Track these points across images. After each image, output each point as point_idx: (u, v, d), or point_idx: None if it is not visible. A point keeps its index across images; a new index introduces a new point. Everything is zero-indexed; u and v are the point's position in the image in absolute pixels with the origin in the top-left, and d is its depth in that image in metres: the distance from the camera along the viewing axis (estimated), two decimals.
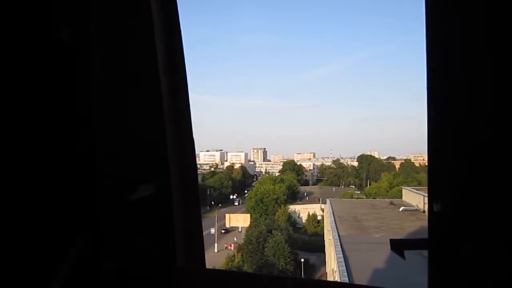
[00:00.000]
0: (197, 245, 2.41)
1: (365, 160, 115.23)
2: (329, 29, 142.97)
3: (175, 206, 2.25)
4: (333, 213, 39.99)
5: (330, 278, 34.56)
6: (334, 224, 34.02)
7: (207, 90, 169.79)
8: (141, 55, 2.18)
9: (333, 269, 29.85)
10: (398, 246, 2.01)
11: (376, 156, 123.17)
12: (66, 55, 2.06)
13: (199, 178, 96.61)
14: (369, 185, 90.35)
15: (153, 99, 2.17)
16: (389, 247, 2.01)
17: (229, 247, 52.19)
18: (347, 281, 21.22)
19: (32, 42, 1.99)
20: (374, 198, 65.54)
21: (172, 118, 2.23)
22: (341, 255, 24.05)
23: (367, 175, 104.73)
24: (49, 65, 2.04)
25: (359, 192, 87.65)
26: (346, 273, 21.69)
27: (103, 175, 2.18)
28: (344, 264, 22.47)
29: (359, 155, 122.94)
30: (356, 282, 21.11)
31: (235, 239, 53.38)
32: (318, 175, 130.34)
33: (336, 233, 30.06)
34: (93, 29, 2.11)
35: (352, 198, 70.39)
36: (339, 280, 22.59)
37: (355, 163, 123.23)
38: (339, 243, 27.09)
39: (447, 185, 1.85)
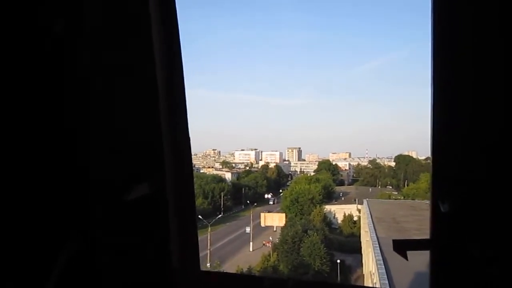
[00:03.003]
0: (192, 246, 2.35)
1: (403, 160, 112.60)
2: (366, 26, 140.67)
3: (170, 206, 2.19)
4: (371, 214, 39.37)
5: (367, 280, 34.01)
6: (372, 226, 33.49)
7: (242, 88, 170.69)
8: (136, 50, 2.11)
9: (370, 271, 29.34)
10: (401, 246, 1.96)
11: (414, 156, 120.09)
12: (58, 49, 2.01)
13: (234, 177, 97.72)
14: (407, 186, 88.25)
15: (149, 96, 2.11)
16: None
17: (267, 244, 52.12)
18: (387, 284, 20.85)
19: (24, 35, 1.95)
20: (412, 199, 64.05)
21: (167, 115, 2.16)
22: (380, 257, 23.61)
23: (405, 176, 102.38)
24: (41, 59, 1.99)
25: (396, 193, 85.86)
26: (385, 276, 21.30)
27: (97, 174, 2.13)
28: (383, 266, 22.03)
29: (396, 155, 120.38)
30: (396, 285, 20.66)
31: (270, 238, 53.33)
32: (354, 175, 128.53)
33: (375, 235, 29.57)
34: (87, 22, 2.04)
35: (389, 199, 68.98)
36: (378, 283, 22.16)
37: (392, 163, 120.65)
38: (377, 245, 26.60)
39: (451, 185, 1.83)
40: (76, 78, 2.04)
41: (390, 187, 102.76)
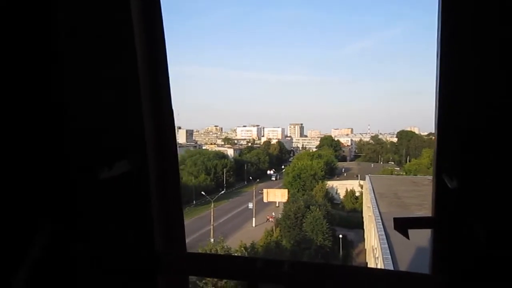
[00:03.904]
0: (177, 228, 2.21)
1: (405, 136, 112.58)
2: (364, 3, 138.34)
3: (153, 185, 2.05)
4: (373, 190, 39.60)
5: (369, 254, 34.42)
6: (374, 201, 33.68)
7: (243, 65, 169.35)
8: (115, 22, 1.96)
9: (373, 246, 29.64)
10: (402, 225, 1.90)
11: (417, 132, 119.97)
12: (32, 20, 1.87)
13: (237, 154, 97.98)
14: (409, 161, 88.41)
15: (129, 70, 1.97)
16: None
17: (270, 219, 52.59)
18: (389, 258, 21.08)
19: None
20: (414, 175, 64.28)
21: (149, 90, 2.03)
22: (383, 232, 23.80)
23: (407, 152, 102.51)
24: (13, 31, 1.86)
25: (398, 168, 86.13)
26: (388, 250, 21.51)
27: (73, 152, 1.98)
28: (386, 241, 22.24)
29: (398, 131, 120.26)
30: (399, 259, 20.90)
31: (273, 213, 53.79)
32: (356, 151, 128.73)
33: (377, 210, 29.76)
34: None
35: (392, 174, 69.22)
36: (380, 258, 22.41)
37: (394, 139, 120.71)
38: (380, 220, 26.82)
39: (454, 161, 1.78)
40: (51, 51, 1.90)
41: (392, 163, 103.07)
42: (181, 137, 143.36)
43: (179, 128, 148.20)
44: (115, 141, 2.03)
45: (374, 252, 27.47)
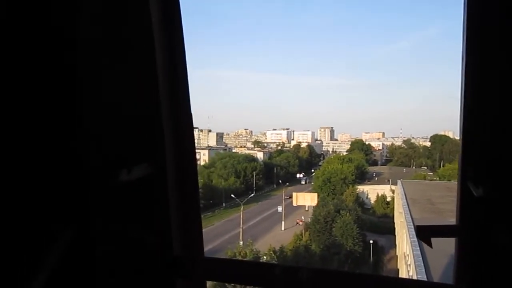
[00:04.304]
0: (195, 232, 2.19)
1: (439, 140, 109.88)
2: (397, 4, 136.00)
3: (171, 189, 2.04)
4: (405, 195, 38.79)
5: (401, 261, 33.70)
6: (406, 207, 32.99)
7: (274, 68, 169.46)
8: (134, 24, 1.96)
9: (404, 253, 29.02)
10: (425, 233, 1.84)
11: (451, 136, 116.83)
12: (53, 28, 1.85)
13: (266, 157, 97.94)
14: (443, 166, 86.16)
15: (148, 74, 1.96)
16: None
17: (300, 222, 52.32)
18: (422, 265, 20.58)
19: (12, 9, 1.81)
20: (448, 181, 62.57)
21: (168, 93, 2.02)
22: (416, 239, 23.26)
23: (440, 156, 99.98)
24: (30, 33, 1.84)
25: (431, 173, 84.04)
26: (420, 258, 21.02)
27: (91, 156, 1.97)
28: (418, 248, 21.73)
29: (432, 135, 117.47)
30: (431, 266, 20.37)
31: (302, 217, 53.49)
32: (388, 155, 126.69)
33: (409, 216, 29.14)
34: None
35: (424, 179, 67.65)
36: (412, 265, 21.92)
37: (428, 143, 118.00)
38: (412, 226, 26.21)
39: (480, 168, 1.72)
40: (68, 53, 1.88)
41: (425, 167, 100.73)
42: (211, 140, 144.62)
43: (210, 130, 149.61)
44: (134, 145, 2.03)
45: (406, 259, 26.90)
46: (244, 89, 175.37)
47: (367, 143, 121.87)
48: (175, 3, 2.05)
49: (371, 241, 42.07)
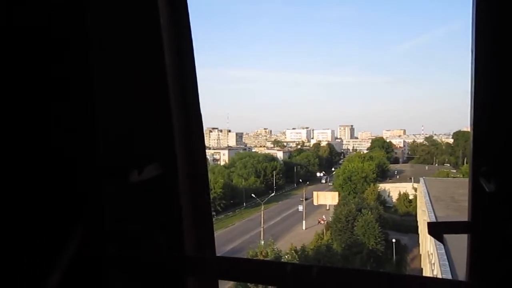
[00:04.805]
0: (206, 231, 2.20)
1: (462, 136, 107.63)
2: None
3: (182, 189, 2.05)
4: (428, 193, 38.16)
5: (424, 260, 33.21)
6: (430, 205, 32.48)
7: (293, 67, 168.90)
8: (143, 29, 1.98)
9: (428, 251, 28.58)
10: (436, 229, 1.84)
11: None
12: (62, 26, 1.89)
13: (286, 156, 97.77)
14: (466, 163, 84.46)
15: (157, 75, 1.98)
16: None
17: (322, 221, 52.07)
18: (447, 264, 20.22)
19: (24, 10, 1.86)
20: None
21: (177, 94, 2.03)
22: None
23: (463, 153, 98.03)
24: (42, 34, 1.88)
25: (455, 171, 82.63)
26: (445, 256, 20.66)
27: (103, 156, 2.00)
28: (443, 246, 21.34)
29: (454, 131, 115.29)
30: (456, 265, 19.99)
31: (323, 216, 53.23)
32: (409, 152, 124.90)
33: (433, 214, 28.69)
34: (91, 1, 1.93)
35: (447, 177, 66.50)
36: (437, 264, 21.55)
37: (450, 140, 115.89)
38: None
39: (492, 163, 1.70)
40: (80, 55, 1.94)
41: (448, 164, 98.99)
42: (231, 140, 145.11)
43: (229, 131, 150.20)
44: (145, 145, 2.06)
45: (430, 258, 26.48)
46: (263, 88, 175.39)
47: (388, 140, 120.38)
48: (183, 4, 2.07)
49: (393, 240, 41.56)
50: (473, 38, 1.73)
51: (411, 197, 60.35)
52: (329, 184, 77.81)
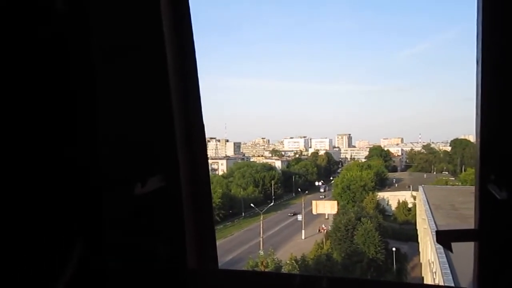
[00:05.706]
0: (209, 244, 2.19)
1: (459, 144, 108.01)
2: (414, 6, 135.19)
3: (185, 201, 2.03)
4: (428, 201, 38.13)
5: (425, 269, 33.06)
6: (429, 213, 32.42)
7: (290, 76, 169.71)
8: (146, 37, 1.96)
9: (429, 260, 28.46)
10: (444, 238, 1.83)
11: (472, 140, 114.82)
12: (62, 29, 1.85)
13: (284, 165, 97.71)
14: (465, 171, 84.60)
15: (160, 85, 1.97)
16: None
17: (322, 230, 51.83)
18: (449, 273, 20.10)
19: (25, 15, 1.80)
20: (471, 185, 61.40)
21: (180, 106, 2.02)
22: (441, 246, 22.80)
23: (461, 161, 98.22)
24: (44, 41, 1.83)
25: (453, 178, 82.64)
26: (447, 265, 20.56)
27: (106, 168, 1.99)
28: (444, 255, 21.25)
29: (452, 139, 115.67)
30: (459, 273, 19.89)
31: (323, 225, 53.04)
32: (407, 161, 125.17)
33: (433, 222, 28.62)
34: (93, 3, 1.90)
35: (446, 185, 66.52)
36: (438, 272, 21.44)
37: (448, 148, 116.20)
38: None
39: (502, 170, 1.68)
40: (82, 63, 1.90)
41: (447, 172, 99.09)
42: (228, 150, 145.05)
43: (227, 140, 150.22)
44: (148, 158, 2.03)
45: (431, 266, 26.36)
46: (261, 97, 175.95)
47: (385, 149, 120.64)
48: (186, 11, 2.06)
49: (393, 249, 41.36)
50: (478, 48, 1.73)
51: (410, 205, 60.28)
52: (328, 193, 77.65)
